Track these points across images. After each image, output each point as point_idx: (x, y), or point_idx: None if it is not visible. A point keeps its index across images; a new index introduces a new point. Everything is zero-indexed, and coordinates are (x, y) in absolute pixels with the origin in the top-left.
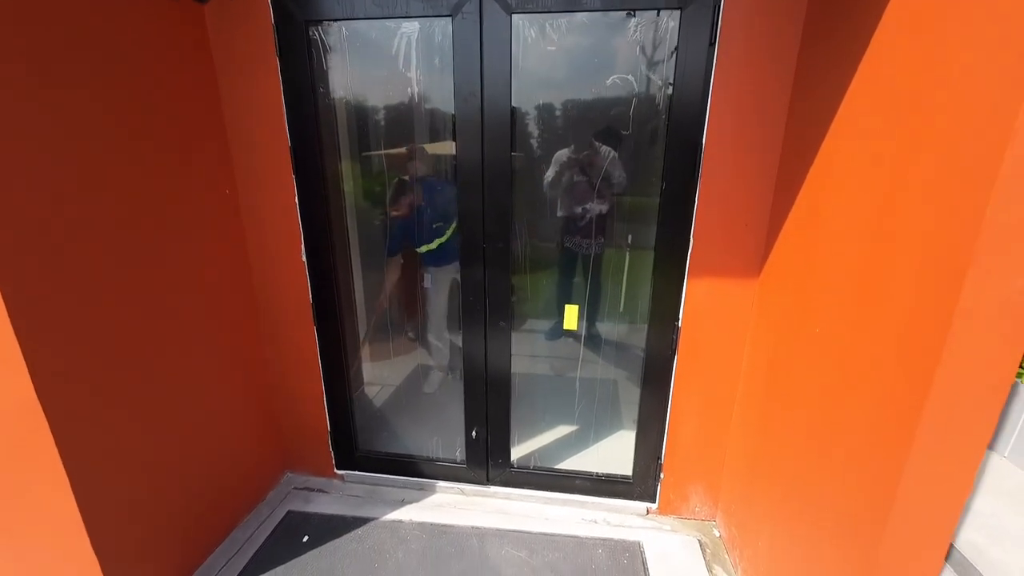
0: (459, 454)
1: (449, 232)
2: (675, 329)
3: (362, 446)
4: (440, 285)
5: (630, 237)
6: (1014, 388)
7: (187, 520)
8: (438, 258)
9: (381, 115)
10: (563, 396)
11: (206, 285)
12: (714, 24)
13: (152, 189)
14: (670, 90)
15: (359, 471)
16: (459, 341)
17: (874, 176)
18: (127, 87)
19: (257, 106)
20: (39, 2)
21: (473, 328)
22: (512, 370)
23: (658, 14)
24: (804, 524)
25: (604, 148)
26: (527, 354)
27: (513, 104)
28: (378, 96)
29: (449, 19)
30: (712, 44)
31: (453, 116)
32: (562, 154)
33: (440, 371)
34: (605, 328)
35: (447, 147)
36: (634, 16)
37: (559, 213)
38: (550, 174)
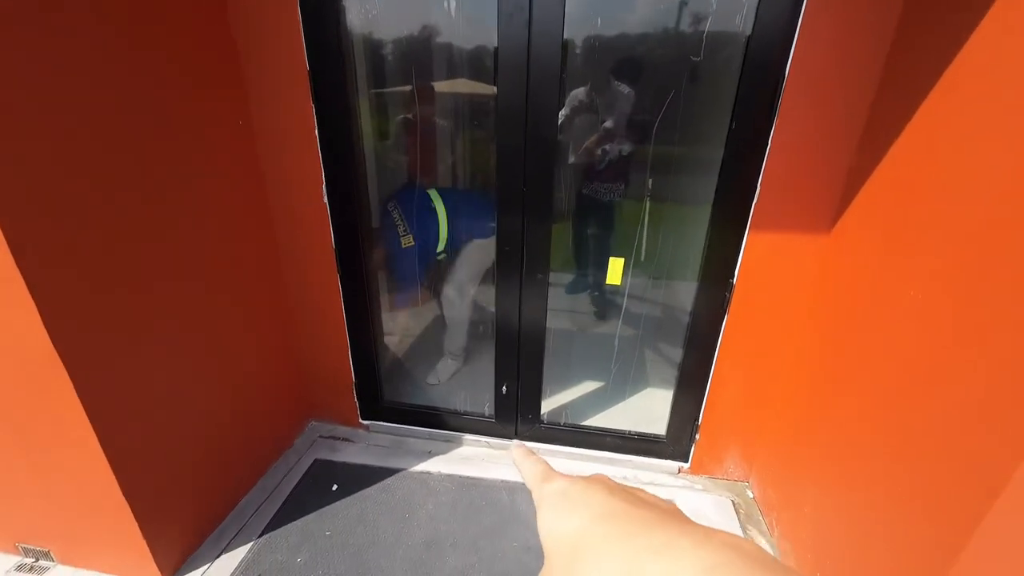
0: (487, 408)
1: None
2: (729, 287)
3: (387, 396)
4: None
5: (680, 187)
6: None
7: (216, 466)
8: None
9: (408, 46)
10: (598, 352)
11: (225, 225)
12: None
13: (160, 119)
14: (754, 10)
15: (384, 422)
16: (487, 299)
17: (1003, 141)
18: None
19: (272, 28)
20: None
21: (509, 280)
22: (547, 325)
23: None
24: (856, 499)
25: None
26: (560, 308)
27: (565, 35)
28: (408, 24)
29: None
30: None
31: (495, 49)
32: (578, 92)
33: (453, 359)
34: (645, 284)
35: (479, 87)
36: None
37: (578, 158)
38: (563, 112)
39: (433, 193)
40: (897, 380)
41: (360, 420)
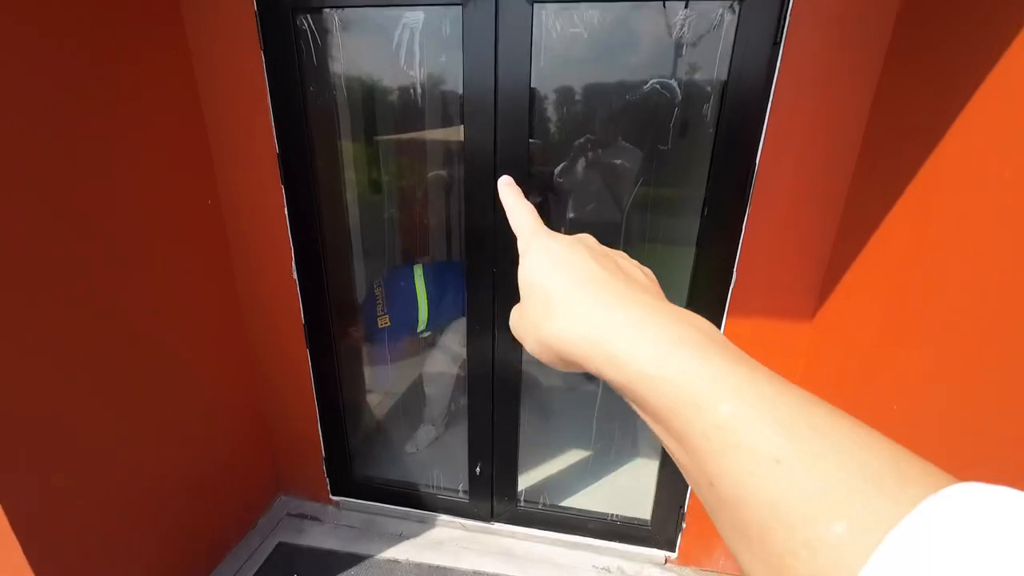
0: (462, 485)
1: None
2: None
3: (359, 471)
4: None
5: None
6: None
7: (170, 552)
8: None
9: (380, 112)
10: (579, 419)
11: (190, 302)
12: (781, 20)
13: (127, 200)
14: (722, 96)
15: (355, 498)
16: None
17: (998, 219)
18: (95, 85)
19: (240, 107)
20: None
21: (480, 355)
22: (521, 401)
23: (705, 8)
24: None
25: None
26: (539, 369)
27: (532, 112)
28: (377, 92)
29: (460, 8)
30: (776, 43)
31: (463, 135)
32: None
33: (433, 425)
34: None
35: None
36: (686, 7)
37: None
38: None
39: (417, 270)
40: None
41: (330, 496)
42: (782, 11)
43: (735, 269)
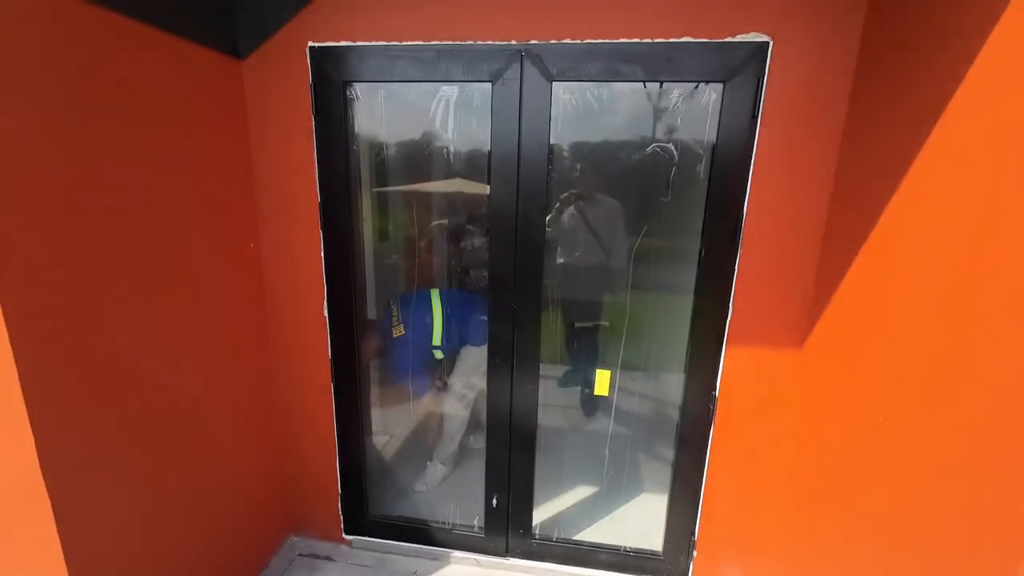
0: (477, 521)
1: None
2: (712, 399)
3: (373, 509)
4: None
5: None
6: None
7: None
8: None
9: (413, 174)
10: (591, 454)
11: (221, 342)
12: (757, 97)
13: (177, 246)
14: (711, 160)
15: (369, 537)
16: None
17: (947, 251)
18: (156, 137)
19: (289, 162)
20: (62, 46)
21: (499, 387)
22: (537, 434)
23: (696, 87)
24: None
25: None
26: (552, 403)
27: (551, 168)
28: (413, 155)
29: (490, 84)
30: (755, 116)
31: (489, 177)
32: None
33: (443, 464)
34: (636, 392)
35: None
36: (677, 87)
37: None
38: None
39: (434, 292)
40: (882, 499)
41: (343, 535)
42: (758, 91)
43: (730, 306)
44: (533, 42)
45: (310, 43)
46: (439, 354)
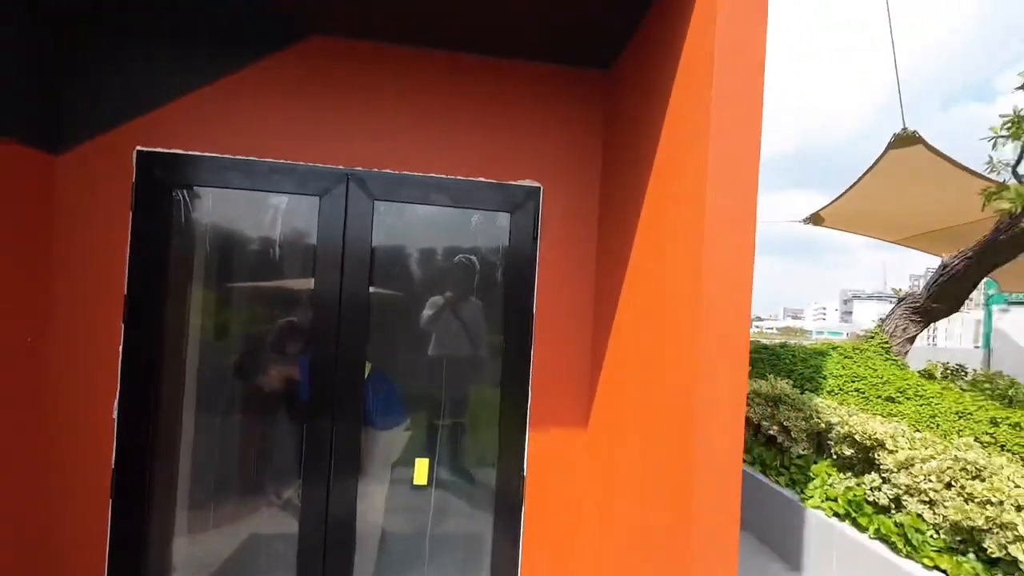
0: None
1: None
2: (521, 479)
3: None
4: None
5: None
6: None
7: None
8: None
9: (239, 275)
10: (409, 554)
11: None
12: (536, 223)
13: None
14: (504, 269)
15: None
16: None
17: (639, 339)
18: None
19: (96, 256)
20: None
21: (314, 493)
22: (355, 543)
23: (491, 213)
24: None
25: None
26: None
27: (372, 280)
28: (238, 257)
29: (318, 198)
30: (535, 238)
31: (312, 288)
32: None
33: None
34: (455, 479)
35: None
36: (476, 213)
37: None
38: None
39: None
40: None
41: None
42: (536, 219)
43: (529, 392)
44: (358, 169)
45: (138, 148)
46: None
